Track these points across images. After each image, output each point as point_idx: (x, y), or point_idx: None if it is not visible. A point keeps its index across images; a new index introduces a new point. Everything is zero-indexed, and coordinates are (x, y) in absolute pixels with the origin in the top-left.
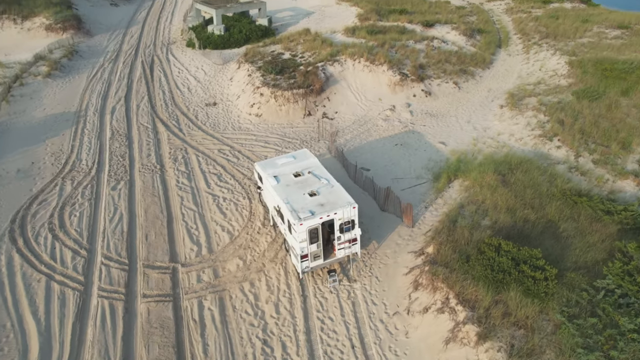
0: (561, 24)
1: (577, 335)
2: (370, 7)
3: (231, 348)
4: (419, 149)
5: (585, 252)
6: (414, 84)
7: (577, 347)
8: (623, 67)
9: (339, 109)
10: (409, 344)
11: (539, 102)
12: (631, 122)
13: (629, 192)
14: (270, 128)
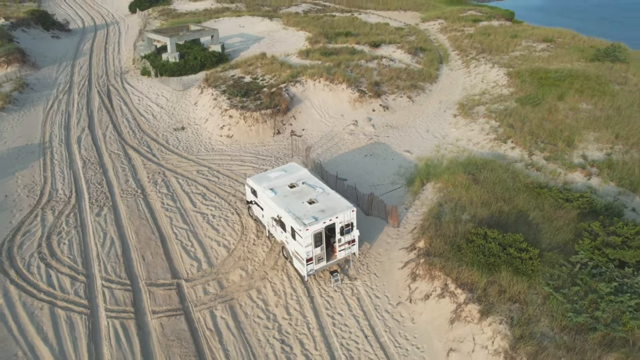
0: (493, 40)
1: (566, 302)
2: (318, 31)
3: (251, 350)
4: (387, 158)
5: (555, 234)
6: (372, 99)
7: (567, 312)
8: (555, 75)
9: (305, 126)
10: (416, 328)
11: (487, 109)
12: (570, 123)
13: (580, 182)
14: (242, 148)
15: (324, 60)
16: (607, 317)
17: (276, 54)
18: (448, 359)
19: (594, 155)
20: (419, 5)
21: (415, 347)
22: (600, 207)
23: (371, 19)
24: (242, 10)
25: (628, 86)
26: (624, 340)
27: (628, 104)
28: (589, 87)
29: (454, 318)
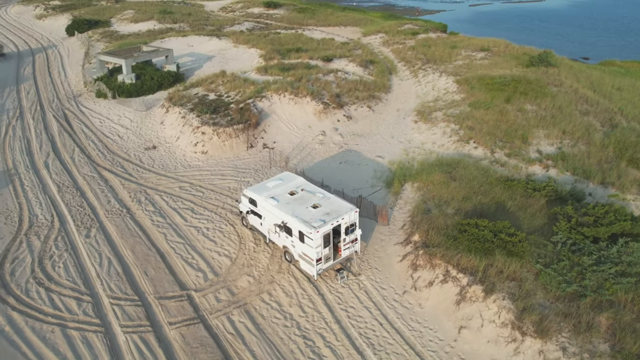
0: (435, 51)
1: (557, 276)
2: (270, 48)
3: (276, 348)
4: (361, 164)
5: (531, 220)
6: (335, 110)
7: (559, 283)
8: (500, 81)
9: (276, 138)
10: (425, 312)
11: (445, 114)
12: (521, 122)
13: (540, 174)
14: (219, 163)
15: (284, 75)
16: (593, 285)
17: (234, 71)
18: (460, 335)
19: (547, 149)
20: (357, 20)
21: (427, 328)
22: (564, 194)
23: (315, 34)
24: (186, 30)
25: (564, 88)
26: (610, 302)
27: (567, 104)
28: (532, 90)
29: (460, 299)
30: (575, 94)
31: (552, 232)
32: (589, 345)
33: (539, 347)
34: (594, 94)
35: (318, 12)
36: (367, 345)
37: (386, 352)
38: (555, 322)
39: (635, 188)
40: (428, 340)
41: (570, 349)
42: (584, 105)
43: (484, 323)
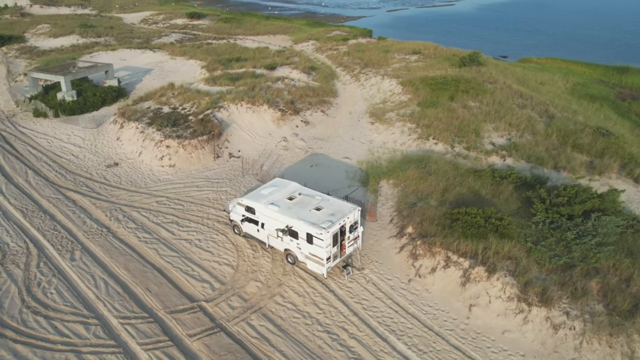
0: (370, 55)
1: (547, 251)
2: (211, 59)
3: (304, 346)
4: (331, 166)
5: (505, 205)
6: (292, 116)
7: (551, 258)
8: (441, 81)
9: (240, 147)
10: (434, 296)
11: (397, 115)
12: (469, 118)
13: (499, 163)
14: (189, 175)
15: (234, 85)
16: (579, 256)
17: (182, 83)
18: (471, 313)
19: (498, 141)
20: (285, 28)
21: (439, 310)
22: (529, 180)
23: (248, 43)
24: (113, 44)
25: (499, 84)
26: (596, 269)
27: (505, 99)
28: (472, 88)
29: (465, 281)
30: (509, 89)
31: (528, 215)
32: (587, 308)
33: (545, 315)
34: (526, 89)
35: (244, 21)
36: (389, 332)
37: (408, 336)
38: (555, 292)
39: (583, 170)
40: (443, 321)
41: (572, 313)
42: (520, 100)
43: (491, 299)
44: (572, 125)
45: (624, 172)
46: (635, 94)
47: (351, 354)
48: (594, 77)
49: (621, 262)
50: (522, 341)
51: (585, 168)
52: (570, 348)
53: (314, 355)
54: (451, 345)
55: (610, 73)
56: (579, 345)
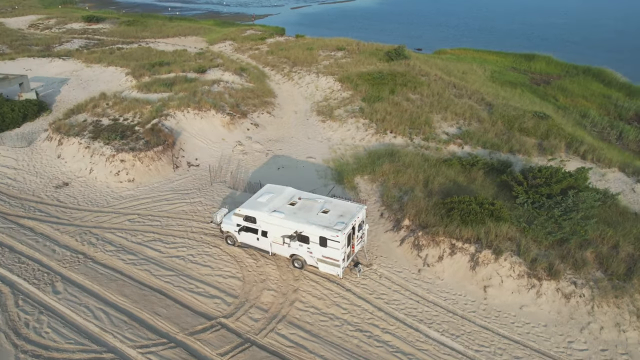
0: (294, 54)
1: (542, 229)
2: (133, 64)
3: (342, 347)
4: (298, 167)
5: (484, 190)
6: (241, 120)
7: (546, 235)
8: (377, 76)
9: (196, 155)
10: (447, 283)
11: (345, 111)
12: (416, 110)
13: (459, 151)
14: (153, 188)
15: (171, 90)
16: (570, 231)
17: (113, 92)
18: (487, 293)
19: (450, 130)
20: (195, 30)
21: (457, 295)
22: (496, 165)
23: (161, 47)
24: (8, 52)
25: (431, 76)
26: (586, 241)
27: (442, 90)
28: (408, 81)
29: (474, 265)
30: (442, 81)
31: (507, 198)
32: (589, 276)
33: (554, 287)
34: (455, 79)
35: (149, 24)
36: (418, 322)
37: (437, 323)
38: (559, 265)
39: (535, 151)
40: (464, 304)
41: (578, 282)
42: (454, 90)
43: (502, 279)
44: (512, 111)
45: (570, 151)
46: (546, 79)
47: (390, 347)
48: (506, 65)
49: (605, 232)
50: (540, 313)
51: (537, 150)
52: (584, 313)
53: (355, 355)
54: (479, 326)
55: (519, 60)
56: (591, 310)
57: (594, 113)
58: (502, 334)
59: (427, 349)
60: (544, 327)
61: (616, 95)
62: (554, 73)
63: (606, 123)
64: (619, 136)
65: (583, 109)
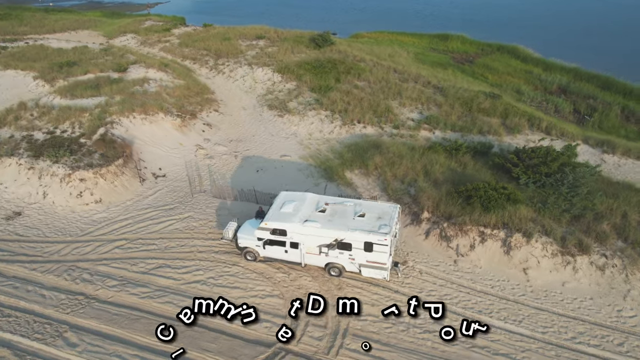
0: (212, 45)
1: (557, 207)
2: (40, 66)
3: (418, 351)
4: (277, 167)
5: (480, 174)
6: (192, 121)
7: (562, 212)
8: (316, 64)
9: (158, 164)
10: (486, 270)
11: (299, 103)
12: (371, 98)
13: (432, 136)
14: (127, 207)
15: (99, 93)
16: (581, 206)
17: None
18: (528, 275)
19: (413, 116)
20: (82, 23)
21: (500, 281)
22: (479, 148)
23: (54, 44)
24: None
25: (368, 63)
26: (596, 213)
27: (385, 75)
28: (350, 68)
29: (508, 250)
30: (381, 66)
31: (507, 179)
32: (613, 247)
33: (588, 261)
34: (391, 63)
35: (24, 17)
36: (478, 313)
37: (495, 311)
38: (587, 240)
39: (503, 130)
40: (511, 289)
41: (607, 253)
42: (396, 74)
43: (538, 259)
44: (464, 92)
45: (533, 128)
46: (466, 58)
47: (464, 344)
48: (423, 46)
49: (611, 204)
50: (582, 287)
51: (503, 129)
52: (621, 282)
53: (437, 357)
54: (534, 308)
55: (435, 41)
56: (626, 278)
57: (527, 88)
58: (558, 312)
59: (499, 339)
60: (590, 300)
61: (536, 71)
62: (470, 52)
63: (541, 97)
64: (556, 109)
65: (514, 85)
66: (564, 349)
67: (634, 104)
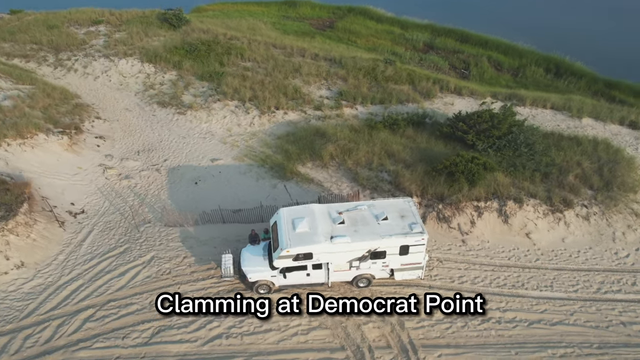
0: (40, 35)
1: (527, 169)
2: None
3: (487, 344)
4: (215, 174)
5: (437, 145)
6: (80, 136)
7: (533, 172)
8: (190, 49)
9: (68, 198)
10: (494, 243)
11: (194, 95)
12: (270, 80)
13: (357, 112)
14: (62, 264)
15: None
16: (545, 163)
17: None
18: (531, 240)
19: (324, 93)
20: None
21: (511, 250)
22: (414, 119)
23: None
24: None
25: (241, 39)
26: (561, 168)
27: (266, 52)
28: (229, 47)
29: (505, 218)
30: (258, 42)
31: (462, 147)
32: (586, 196)
33: (574, 213)
34: (264, 37)
35: None
36: (513, 288)
37: (525, 282)
38: (567, 194)
39: (421, 97)
40: (524, 257)
41: (585, 203)
42: (278, 50)
43: (534, 221)
44: (363, 62)
45: (443, 90)
46: (324, 23)
47: (520, 323)
48: (274, 14)
49: (562, 156)
50: (578, 239)
51: (420, 96)
52: (605, 227)
53: (508, 345)
54: (553, 269)
55: (284, 8)
56: (607, 222)
57: (400, 50)
58: (574, 268)
59: (546, 309)
60: (590, 249)
61: (396, 30)
62: (324, 17)
63: (416, 57)
64: (435, 67)
65: (385, 47)
66: (599, 302)
67: (495, 54)
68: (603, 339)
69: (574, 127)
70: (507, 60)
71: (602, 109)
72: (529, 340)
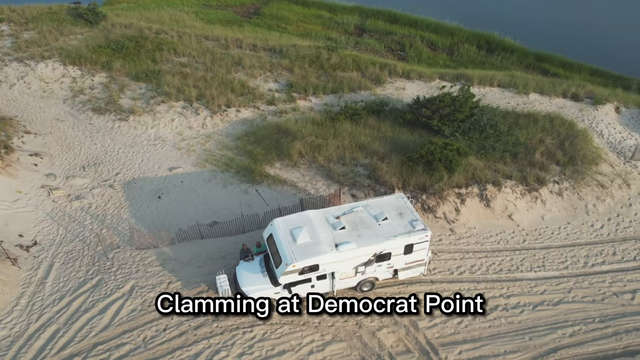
0: None
1: (497, 151)
2: None
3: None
4: (177, 184)
5: (404, 134)
6: (12, 155)
7: (502, 153)
8: (116, 46)
9: (13, 230)
10: (481, 229)
11: (133, 98)
12: (212, 76)
13: (314, 105)
14: (29, 309)
15: None
16: (512, 142)
17: None
18: (514, 221)
19: (272, 86)
20: None
21: (499, 234)
22: (374, 107)
23: None
24: None
25: (170, 33)
26: (527, 146)
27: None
28: (159, 43)
29: (487, 203)
30: (187, 35)
31: (428, 133)
32: (554, 171)
33: (547, 190)
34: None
35: None
36: (509, 272)
37: (518, 264)
38: (538, 173)
39: (372, 83)
40: (512, 239)
41: (556, 179)
42: (212, 42)
43: (514, 202)
44: (305, 51)
45: (392, 74)
46: (249, 10)
47: (525, 307)
48: (194, 3)
49: (524, 134)
50: (556, 216)
51: (371, 82)
52: (577, 200)
53: (520, 331)
54: (540, 249)
55: None
56: (579, 194)
57: (333, 34)
58: (558, 245)
59: (545, 289)
60: (569, 224)
61: (324, 14)
62: (247, 3)
63: (352, 41)
64: (372, 50)
65: (318, 32)
66: (590, 276)
67: (427, 33)
68: (602, 312)
69: (522, 103)
70: (440, 39)
71: (545, 84)
72: (538, 323)
